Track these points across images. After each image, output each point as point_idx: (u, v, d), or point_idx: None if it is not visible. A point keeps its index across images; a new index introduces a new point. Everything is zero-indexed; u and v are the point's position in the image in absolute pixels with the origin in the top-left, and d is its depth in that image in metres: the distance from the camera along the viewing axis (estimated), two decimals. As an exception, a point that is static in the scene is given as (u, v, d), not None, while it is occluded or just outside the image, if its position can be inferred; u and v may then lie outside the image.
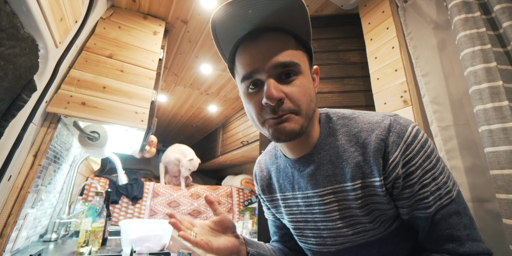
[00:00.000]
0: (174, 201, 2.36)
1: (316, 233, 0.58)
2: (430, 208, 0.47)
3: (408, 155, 0.47)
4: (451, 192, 0.47)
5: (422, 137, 0.48)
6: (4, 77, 0.58)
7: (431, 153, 0.48)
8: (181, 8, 1.47)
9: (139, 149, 1.67)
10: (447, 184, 0.47)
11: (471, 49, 0.85)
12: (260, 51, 0.47)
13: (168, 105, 2.92)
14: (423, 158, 0.47)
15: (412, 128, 0.48)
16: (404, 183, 0.48)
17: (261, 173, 0.69)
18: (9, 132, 0.71)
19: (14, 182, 0.89)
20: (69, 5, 0.82)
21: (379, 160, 0.48)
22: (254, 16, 0.46)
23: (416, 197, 0.48)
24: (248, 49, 0.48)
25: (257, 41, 0.48)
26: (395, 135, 0.48)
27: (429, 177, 0.47)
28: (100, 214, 1.10)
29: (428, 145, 0.48)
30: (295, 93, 0.46)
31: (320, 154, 0.53)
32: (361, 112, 0.55)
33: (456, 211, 0.47)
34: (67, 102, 1.07)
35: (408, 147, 0.47)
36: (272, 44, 0.47)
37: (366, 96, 1.31)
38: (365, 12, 1.34)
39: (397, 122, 0.49)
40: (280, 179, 0.62)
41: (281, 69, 0.46)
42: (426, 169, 0.47)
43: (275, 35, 0.48)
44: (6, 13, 0.54)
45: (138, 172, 3.29)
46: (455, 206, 0.47)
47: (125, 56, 1.31)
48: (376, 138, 0.48)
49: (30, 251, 0.98)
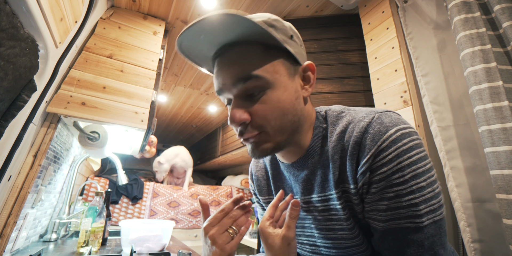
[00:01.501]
0: (174, 201, 2.36)
1: (311, 241, 0.55)
2: (382, 222, 0.42)
3: (377, 162, 0.40)
4: (420, 217, 0.39)
5: (404, 145, 0.40)
6: (4, 77, 0.58)
7: (407, 166, 0.39)
8: (181, 8, 1.47)
9: (139, 149, 1.67)
10: (418, 207, 0.39)
11: (471, 49, 0.85)
12: (223, 68, 0.46)
13: (168, 105, 2.92)
14: (394, 170, 0.39)
15: (395, 131, 0.41)
16: (368, 189, 0.43)
17: (257, 173, 0.66)
18: (9, 132, 0.71)
19: (14, 182, 0.89)
20: (69, 5, 0.82)
21: (354, 166, 0.44)
22: (209, 38, 0.44)
23: (373, 205, 0.43)
24: (216, 67, 0.48)
25: (222, 58, 0.47)
26: (370, 137, 0.41)
27: (392, 191, 0.40)
28: (100, 214, 1.10)
29: (408, 156, 0.39)
30: (260, 111, 0.43)
31: (313, 158, 0.50)
32: (351, 109, 0.51)
33: (418, 243, 0.39)
34: (67, 102, 1.07)
35: (380, 152, 0.40)
36: (232, 60, 0.45)
37: (366, 96, 1.31)
38: (365, 12, 1.34)
39: (378, 122, 0.42)
40: (277, 182, 0.60)
41: (243, 85, 0.43)
42: (393, 182, 0.40)
43: (237, 50, 0.45)
44: (6, 13, 0.54)
45: (138, 172, 3.29)
46: (419, 236, 0.39)
47: (125, 56, 1.31)
48: (352, 140, 0.44)
49: (30, 251, 0.98)
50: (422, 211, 0.39)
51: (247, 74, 0.43)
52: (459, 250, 0.94)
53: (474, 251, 0.82)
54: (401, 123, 0.42)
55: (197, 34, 0.43)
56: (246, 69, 0.43)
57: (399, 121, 0.43)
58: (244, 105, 0.44)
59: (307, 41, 1.48)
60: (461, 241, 0.92)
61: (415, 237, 0.39)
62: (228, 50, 0.46)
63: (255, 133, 0.44)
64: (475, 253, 0.82)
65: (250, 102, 0.44)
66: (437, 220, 0.40)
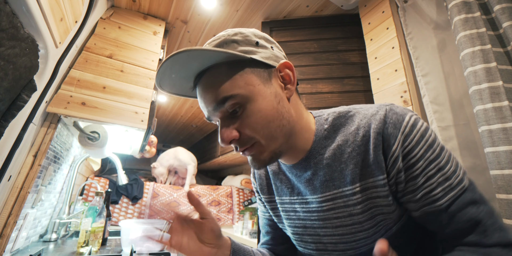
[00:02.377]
0: (174, 201, 2.36)
1: (316, 238, 0.56)
2: (440, 200, 0.43)
3: (407, 146, 0.44)
4: (462, 181, 0.44)
5: (421, 126, 0.45)
6: (4, 77, 0.58)
7: (433, 142, 0.44)
8: (181, 8, 1.47)
9: (139, 149, 1.67)
10: (457, 172, 0.44)
11: (471, 49, 0.85)
12: (201, 98, 0.48)
13: (168, 105, 2.92)
14: (425, 148, 0.44)
15: (409, 117, 0.45)
16: (406, 177, 0.45)
17: (260, 171, 0.67)
18: (9, 132, 0.71)
19: (14, 182, 0.89)
20: (69, 5, 0.82)
21: (380, 157, 0.45)
22: (180, 75, 0.47)
23: (422, 190, 0.44)
24: (198, 97, 0.50)
25: (198, 89, 0.49)
26: (392, 126, 0.44)
27: (433, 167, 0.43)
28: (100, 214, 1.10)
29: (429, 134, 0.45)
30: (246, 126, 0.45)
31: (316, 159, 0.51)
32: (357, 107, 0.52)
33: (473, 200, 0.43)
34: (67, 102, 1.07)
35: (406, 137, 0.44)
36: (205, 88, 0.47)
37: (366, 96, 1.31)
38: (365, 12, 1.34)
39: (393, 112, 0.46)
40: (277, 183, 0.60)
41: (223, 108, 0.45)
42: (430, 159, 0.43)
43: (206, 78, 0.47)
44: (6, 13, 0.54)
45: (138, 172, 3.28)
46: (470, 195, 0.43)
47: (125, 56, 1.31)
48: (373, 133, 0.45)
49: (30, 251, 0.98)
50: (461, 174, 0.45)
51: (221, 98, 0.45)
52: (459, 250, 0.94)
53: (474, 251, 0.82)
54: (408, 110, 0.47)
55: (169, 73, 0.47)
56: (219, 94, 0.45)
57: (406, 109, 0.48)
58: (230, 123, 0.46)
59: (307, 41, 1.48)
60: (461, 241, 0.92)
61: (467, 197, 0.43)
62: (200, 79, 0.48)
63: (248, 146, 0.46)
64: (475, 253, 0.82)
65: (235, 119, 0.46)
66: (469, 178, 0.46)
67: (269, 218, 0.68)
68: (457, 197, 0.43)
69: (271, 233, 0.69)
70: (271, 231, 0.69)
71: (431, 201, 0.44)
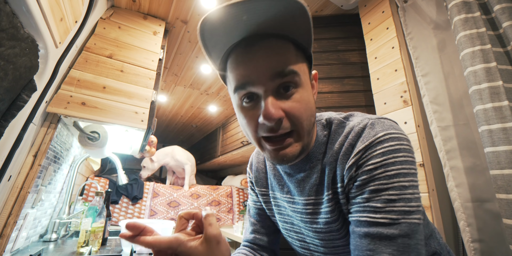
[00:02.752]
0: (174, 201, 2.36)
1: (300, 237, 0.57)
2: (358, 213, 0.41)
3: (363, 158, 0.42)
4: (396, 214, 0.38)
5: (391, 146, 0.41)
6: (4, 77, 0.58)
7: (392, 164, 0.40)
8: (181, 8, 1.47)
9: (139, 149, 1.67)
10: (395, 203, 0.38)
11: (471, 49, 0.85)
12: (255, 60, 0.42)
13: (168, 105, 2.92)
14: (378, 165, 0.41)
15: (384, 134, 0.42)
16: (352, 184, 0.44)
17: (258, 165, 0.67)
18: (9, 132, 0.71)
19: (14, 182, 0.89)
20: (69, 5, 0.82)
21: (343, 164, 0.45)
22: (249, 22, 0.41)
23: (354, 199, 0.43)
24: (241, 58, 0.43)
25: (253, 49, 0.43)
26: (362, 138, 0.44)
27: (374, 185, 0.40)
28: (100, 214, 1.10)
29: (394, 156, 0.40)
30: (295, 110, 0.42)
31: (312, 163, 0.51)
32: (352, 117, 0.51)
33: (391, 238, 0.37)
34: (67, 102, 1.07)
35: (367, 150, 0.42)
36: (269, 52, 0.42)
37: (366, 96, 1.31)
38: (365, 12, 1.34)
39: (371, 127, 0.45)
40: (272, 177, 0.62)
41: (280, 80, 0.41)
42: (376, 177, 0.40)
43: (273, 42, 0.43)
44: (6, 13, 0.54)
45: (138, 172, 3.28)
46: (392, 232, 0.37)
47: (125, 56, 1.31)
48: (347, 143, 0.45)
49: (30, 251, 0.98)
50: (400, 208, 0.38)
51: (287, 68, 0.41)
52: (458, 250, 0.94)
53: (474, 251, 0.82)
54: (392, 128, 0.44)
55: (242, 13, 0.39)
56: (287, 63, 0.42)
57: (391, 127, 0.44)
58: (278, 101, 0.42)
59: (307, 41, 1.48)
60: (461, 240, 0.92)
61: (389, 232, 0.38)
62: (260, 41, 0.43)
63: (287, 131, 0.42)
64: (474, 253, 0.82)
65: (282, 98, 0.42)
66: (411, 223, 0.38)
67: (260, 207, 0.69)
68: (375, 224, 0.39)
69: (260, 222, 0.69)
70: (260, 220, 0.68)
71: (352, 210, 0.43)
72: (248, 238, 0.69)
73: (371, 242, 0.39)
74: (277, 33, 0.43)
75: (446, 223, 0.94)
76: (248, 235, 0.70)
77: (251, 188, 0.71)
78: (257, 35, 0.43)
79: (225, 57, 0.47)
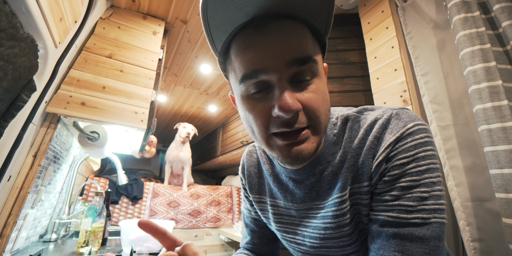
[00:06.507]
0: (174, 201, 2.36)
1: (302, 249, 0.52)
2: (385, 211, 0.38)
3: (394, 151, 0.39)
4: (428, 213, 0.36)
5: (421, 138, 0.39)
6: (4, 77, 0.58)
7: (423, 158, 0.38)
8: (180, 8, 1.47)
9: (139, 149, 1.67)
10: (427, 201, 0.37)
11: (471, 49, 0.85)
12: (269, 44, 0.36)
13: (168, 105, 2.92)
14: (410, 159, 0.38)
15: (413, 124, 0.40)
16: (380, 179, 0.40)
17: (250, 168, 0.60)
18: (8, 132, 0.71)
19: (14, 182, 0.89)
20: (69, 5, 0.82)
21: (369, 160, 0.41)
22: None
23: (380, 196, 0.40)
24: (251, 40, 0.37)
25: (265, 30, 0.36)
26: (389, 131, 0.40)
27: (406, 181, 0.38)
28: (100, 214, 1.10)
29: (424, 148, 0.38)
30: (313, 102, 0.37)
31: (322, 166, 0.46)
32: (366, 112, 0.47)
33: (423, 239, 0.36)
34: (66, 102, 1.06)
35: (398, 142, 0.39)
36: (286, 35, 0.36)
37: (365, 95, 1.31)
38: (365, 11, 1.34)
39: (396, 117, 0.41)
40: (271, 184, 0.55)
41: (297, 68, 0.36)
42: (408, 172, 0.38)
43: (289, 24, 0.37)
44: (5, 13, 0.54)
45: (138, 172, 3.28)
46: (424, 232, 0.36)
47: (124, 56, 1.31)
48: (371, 137, 0.41)
49: (30, 252, 0.98)
50: (431, 206, 0.37)
51: (307, 55, 0.36)
52: (458, 249, 0.94)
53: (474, 250, 0.82)
54: (418, 119, 0.41)
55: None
56: (306, 49, 0.37)
57: (417, 117, 0.42)
58: (295, 92, 0.37)
59: (307, 41, 1.48)
60: (461, 240, 0.92)
61: (421, 233, 0.36)
62: (274, 22, 0.36)
63: (304, 126, 0.37)
64: (474, 252, 0.82)
65: (297, 88, 0.37)
66: (441, 223, 0.37)
67: (255, 216, 0.64)
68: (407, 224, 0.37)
69: (257, 232, 0.65)
70: (257, 230, 0.65)
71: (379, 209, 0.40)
72: (246, 246, 0.67)
73: (401, 243, 0.36)
74: (293, 14, 0.37)
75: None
76: (245, 244, 0.67)
77: (245, 195, 0.65)
78: (270, 15, 0.37)
79: (228, 41, 0.40)
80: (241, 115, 0.42)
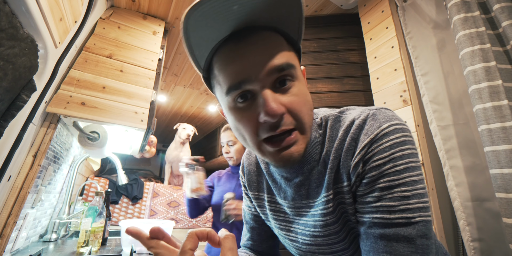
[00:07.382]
0: (174, 201, 2.36)
1: (295, 245, 0.54)
2: (370, 213, 0.39)
3: (370, 152, 0.40)
4: (412, 212, 0.37)
5: (397, 138, 0.39)
6: (4, 77, 0.58)
7: (400, 158, 0.38)
8: (180, 8, 1.47)
9: (139, 149, 1.67)
10: (410, 200, 0.37)
11: (471, 49, 0.85)
12: (250, 55, 0.39)
13: (168, 105, 2.92)
14: (386, 160, 0.39)
15: (388, 125, 0.40)
16: (360, 181, 0.41)
17: (249, 167, 0.63)
18: (8, 132, 0.71)
19: (14, 182, 0.89)
20: (69, 5, 0.82)
21: (348, 161, 0.42)
22: (240, 13, 0.37)
23: (363, 198, 0.41)
24: (233, 54, 0.40)
25: (245, 43, 0.39)
26: (365, 131, 0.41)
27: (385, 182, 0.38)
28: (100, 214, 1.10)
29: (401, 149, 0.39)
30: (295, 104, 0.39)
31: (310, 165, 0.48)
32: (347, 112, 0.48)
33: (409, 238, 0.36)
34: (66, 102, 1.06)
35: (373, 143, 0.40)
36: (264, 45, 0.39)
37: (365, 95, 1.31)
38: (365, 11, 1.34)
39: (373, 118, 0.42)
40: (269, 181, 0.58)
41: (277, 74, 0.39)
42: (385, 172, 0.38)
43: (266, 35, 0.40)
44: (5, 13, 0.54)
45: (138, 172, 3.28)
46: (410, 232, 0.36)
47: (124, 56, 1.31)
48: (349, 138, 0.43)
49: (30, 251, 0.98)
50: (415, 205, 0.37)
51: (285, 62, 0.39)
52: (458, 249, 0.94)
53: (474, 250, 0.82)
54: (395, 119, 0.42)
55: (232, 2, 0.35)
56: (283, 56, 0.39)
57: (393, 117, 0.42)
58: (277, 97, 0.39)
59: (307, 41, 1.48)
60: (461, 240, 0.92)
61: (407, 232, 0.36)
62: (252, 35, 0.40)
63: (290, 128, 0.39)
64: (474, 252, 0.82)
65: (279, 93, 0.40)
66: (427, 221, 0.37)
67: (255, 213, 0.66)
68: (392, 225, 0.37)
69: (256, 228, 0.66)
70: (256, 226, 0.66)
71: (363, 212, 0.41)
72: (246, 244, 0.68)
73: (388, 244, 0.37)
74: (267, 25, 0.40)
75: (446, 222, 0.94)
76: (245, 242, 0.68)
77: (244, 192, 0.67)
78: (247, 28, 0.40)
79: (210, 57, 0.43)
80: (231, 125, 0.45)
